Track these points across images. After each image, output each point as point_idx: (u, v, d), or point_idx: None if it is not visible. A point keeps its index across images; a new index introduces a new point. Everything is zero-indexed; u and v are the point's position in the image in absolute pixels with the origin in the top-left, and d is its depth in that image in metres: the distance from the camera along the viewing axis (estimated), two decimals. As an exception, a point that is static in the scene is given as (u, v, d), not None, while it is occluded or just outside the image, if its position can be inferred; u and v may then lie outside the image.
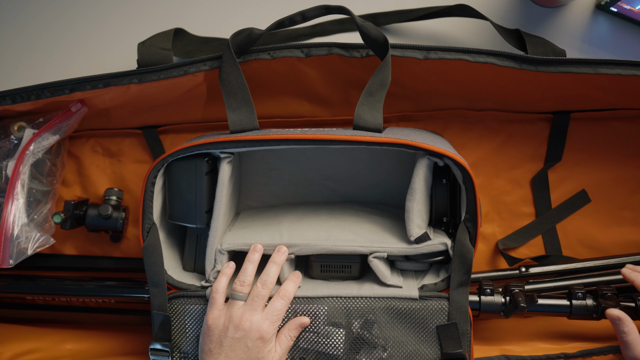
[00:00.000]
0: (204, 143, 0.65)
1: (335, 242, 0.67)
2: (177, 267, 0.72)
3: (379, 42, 0.67)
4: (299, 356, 0.66)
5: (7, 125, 0.76)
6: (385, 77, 0.65)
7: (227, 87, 0.67)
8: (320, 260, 0.69)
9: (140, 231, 0.67)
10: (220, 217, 0.68)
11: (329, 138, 0.63)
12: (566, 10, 0.83)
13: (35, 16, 0.87)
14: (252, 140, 0.64)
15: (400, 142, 0.63)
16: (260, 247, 0.67)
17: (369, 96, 0.65)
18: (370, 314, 0.65)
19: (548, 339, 0.77)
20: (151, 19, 0.86)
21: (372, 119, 0.65)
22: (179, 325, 0.68)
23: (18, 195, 0.72)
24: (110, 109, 0.78)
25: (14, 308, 0.86)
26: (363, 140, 0.63)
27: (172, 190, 0.69)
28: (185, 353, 0.68)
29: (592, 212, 0.83)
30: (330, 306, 0.65)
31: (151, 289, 0.68)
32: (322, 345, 0.66)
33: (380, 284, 0.67)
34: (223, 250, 0.67)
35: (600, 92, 0.75)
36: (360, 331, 0.65)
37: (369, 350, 0.65)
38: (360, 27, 0.67)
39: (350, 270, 0.69)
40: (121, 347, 0.81)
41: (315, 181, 0.81)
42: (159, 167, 0.67)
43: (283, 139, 0.64)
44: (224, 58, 0.67)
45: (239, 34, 0.68)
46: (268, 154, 0.79)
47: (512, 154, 0.83)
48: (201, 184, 0.68)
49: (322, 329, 0.65)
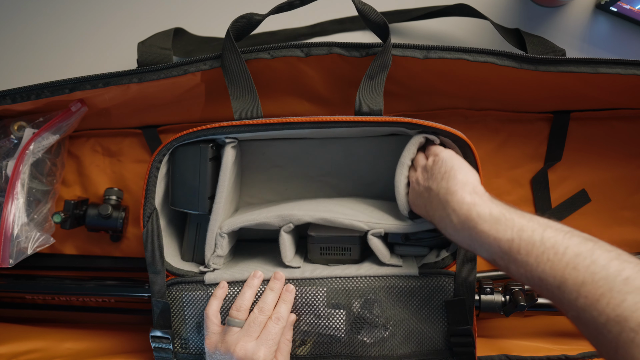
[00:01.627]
0: (209, 128, 0.67)
1: (334, 214, 0.67)
2: (176, 256, 0.72)
3: (380, 25, 0.67)
4: (300, 339, 0.66)
5: (7, 125, 0.76)
6: (385, 60, 0.66)
7: (230, 74, 0.67)
8: (319, 242, 0.69)
9: (142, 216, 0.68)
10: (223, 201, 0.68)
11: (331, 120, 0.65)
12: (566, 10, 0.83)
13: (35, 16, 0.87)
14: (257, 124, 0.66)
15: (399, 120, 0.65)
16: (260, 273, 0.67)
17: (369, 80, 0.66)
18: (370, 293, 0.65)
19: (548, 339, 0.77)
20: (151, 19, 0.86)
21: (373, 103, 0.66)
22: (178, 311, 0.68)
23: (18, 194, 0.72)
24: (110, 108, 0.78)
25: (14, 308, 0.86)
26: (364, 121, 0.64)
27: (176, 176, 0.70)
28: (185, 339, 0.68)
29: (592, 212, 0.83)
30: (329, 287, 0.66)
31: (150, 276, 0.68)
32: (323, 327, 0.66)
33: (380, 263, 0.67)
34: (223, 234, 0.68)
35: (600, 92, 0.75)
36: (361, 311, 0.65)
37: (371, 329, 0.66)
38: (360, 11, 0.67)
39: (350, 253, 0.69)
40: (121, 347, 0.81)
41: (315, 177, 0.81)
42: (165, 152, 0.68)
43: (287, 123, 0.65)
44: (225, 45, 0.67)
45: (239, 19, 0.68)
46: (269, 150, 0.80)
47: (512, 153, 0.83)
48: (205, 170, 0.68)
49: (322, 311, 0.66)
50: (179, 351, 0.69)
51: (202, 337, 0.68)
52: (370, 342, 0.65)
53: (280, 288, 0.66)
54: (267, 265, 0.70)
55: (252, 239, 0.81)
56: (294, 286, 0.66)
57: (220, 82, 0.69)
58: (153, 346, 0.69)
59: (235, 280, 0.67)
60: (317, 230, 0.70)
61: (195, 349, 0.69)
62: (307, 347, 0.67)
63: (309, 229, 0.71)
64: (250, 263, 0.71)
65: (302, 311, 0.66)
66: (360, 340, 0.65)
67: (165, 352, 0.69)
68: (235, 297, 0.66)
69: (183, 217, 0.76)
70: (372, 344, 0.66)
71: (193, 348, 0.69)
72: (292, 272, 0.68)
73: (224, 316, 0.66)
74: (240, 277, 0.67)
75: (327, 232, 0.69)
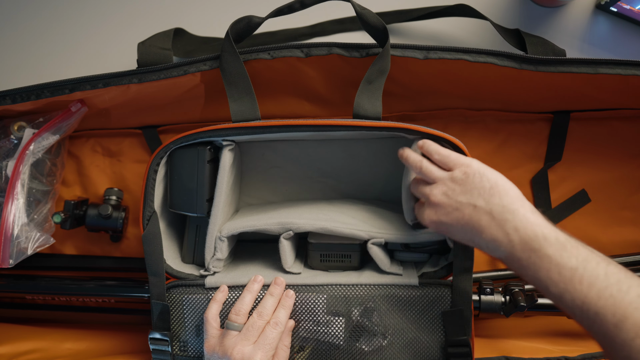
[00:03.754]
0: (206, 130, 0.67)
1: (334, 223, 0.67)
2: (176, 258, 0.72)
3: (379, 30, 0.67)
4: (298, 345, 0.66)
5: (7, 125, 0.76)
6: (384, 65, 0.66)
7: (228, 76, 0.67)
8: (319, 249, 0.69)
9: (141, 219, 0.68)
10: (221, 204, 0.68)
11: (328, 124, 0.65)
12: (566, 10, 0.83)
13: (35, 16, 0.87)
14: (254, 127, 0.65)
15: (398, 126, 0.64)
16: (261, 278, 0.66)
17: (368, 84, 0.66)
18: (369, 301, 0.65)
19: (548, 339, 0.77)
20: (151, 19, 0.86)
21: (371, 107, 0.65)
22: (177, 314, 0.68)
23: (18, 195, 0.72)
24: (110, 108, 0.78)
25: (14, 308, 0.86)
26: (362, 125, 0.64)
27: (174, 178, 0.70)
28: (184, 342, 0.68)
29: (592, 212, 0.83)
30: (329, 294, 0.66)
31: (150, 278, 0.68)
32: (322, 334, 0.66)
33: (380, 272, 0.67)
34: (223, 237, 0.68)
35: (600, 92, 0.75)
36: (360, 319, 0.65)
37: (369, 338, 0.65)
38: (359, 14, 0.67)
39: (350, 260, 0.69)
40: (121, 347, 0.81)
41: (315, 178, 0.81)
42: (162, 154, 0.68)
43: (284, 126, 0.65)
44: (224, 47, 0.67)
45: (239, 22, 0.68)
46: (268, 151, 0.79)
47: (512, 153, 0.83)
48: (203, 172, 0.68)
49: (321, 317, 0.65)
50: (177, 354, 0.69)
51: (201, 340, 0.68)
52: (369, 350, 0.65)
53: (280, 293, 0.65)
54: (268, 270, 0.70)
55: (252, 239, 0.81)
56: (293, 292, 0.66)
57: (220, 83, 0.69)
58: (152, 348, 0.68)
59: (236, 285, 0.67)
60: (317, 238, 0.70)
61: (194, 352, 0.69)
62: (305, 353, 0.67)
63: (308, 235, 0.71)
64: (251, 266, 0.71)
65: (301, 317, 0.66)
66: (359, 348, 0.65)
67: (163, 354, 0.69)
68: (235, 301, 0.66)
69: (183, 219, 0.76)
70: (370, 352, 0.65)
71: (192, 351, 0.69)
72: (293, 278, 0.67)
73: (223, 320, 0.66)
74: (241, 282, 0.67)
75: (327, 239, 0.69)
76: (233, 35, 0.68)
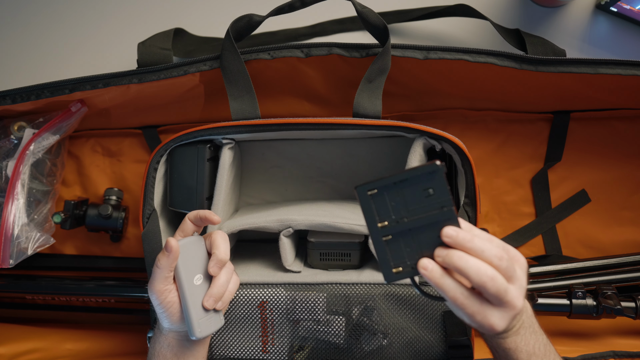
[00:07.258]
0: (206, 128, 0.67)
1: (333, 218, 0.66)
2: None
3: (379, 28, 0.67)
4: (298, 344, 0.66)
5: (7, 125, 0.76)
6: (384, 64, 0.66)
7: (229, 74, 0.67)
8: (319, 248, 0.69)
9: (141, 217, 0.68)
10: (221, 203, 0.68)
11: (328, 122, 0.65)
12: (566, 10, 0.83)
13: (35, 16, 0.87)
14: (254, 125, 0.66)
15: (398, 124, 0.64)
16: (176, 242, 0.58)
17: (368, 83, 0.66)
18: (370, 300, 0.65)
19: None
20: (151, 19, 0.86)
21: (371, 106, 0.65)
22: None
23: (18, 195, 0.72)
24: (110, 108, 0.78)
25: (14, 308, 0.86)
26: (362, 123, 0.64)
27: (174, 177, 0.70)
28: None
29: (592, 212, 0.83)
30: (329, 293, 0.65)
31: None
32: (322, 333, 0.65)
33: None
34: None
35: (600, 92, 0.75)
36: (360, 318, 0.65)
37: (370, 337, 0.65)
38: (360, 13, 0.67)
39: (350, 258, 0.69)
40: (121, 347, 0.81)
41: (315, 178, 0.81)
42: (162, 152, 0.68)
43: (284, 124, 0.65)
44: (225, 45, 0.67)
45: (239, 20, 0.68)
46: (269, 151, 0.79)
47: (512, 153, 0.83)
48: (202, 170, 0.68)
49: (321, 316, 0.65)
50: None
51: None
52: (369, 350, 0.65)
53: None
54: (268, 269, 0.70)
55: (252, 239, 0.81)
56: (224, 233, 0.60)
57: (220, 83, 0.69)
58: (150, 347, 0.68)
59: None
60: (316, 236, 0.70)
61: None
62: (304, 352, 0.66)
63: (308, 234, 0.71)
64: (250, 265, 0.71)
65: (301, 316, 0.66)
66: (359, 348, 0.65)
67: None
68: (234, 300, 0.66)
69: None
70: (371, 351, 0.65)
71: None
72: (293, 276, 0.67)
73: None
74: (241, 280, 0.67)
75: (327, 237, 0.69)
76: (233, 34, 0.68)
